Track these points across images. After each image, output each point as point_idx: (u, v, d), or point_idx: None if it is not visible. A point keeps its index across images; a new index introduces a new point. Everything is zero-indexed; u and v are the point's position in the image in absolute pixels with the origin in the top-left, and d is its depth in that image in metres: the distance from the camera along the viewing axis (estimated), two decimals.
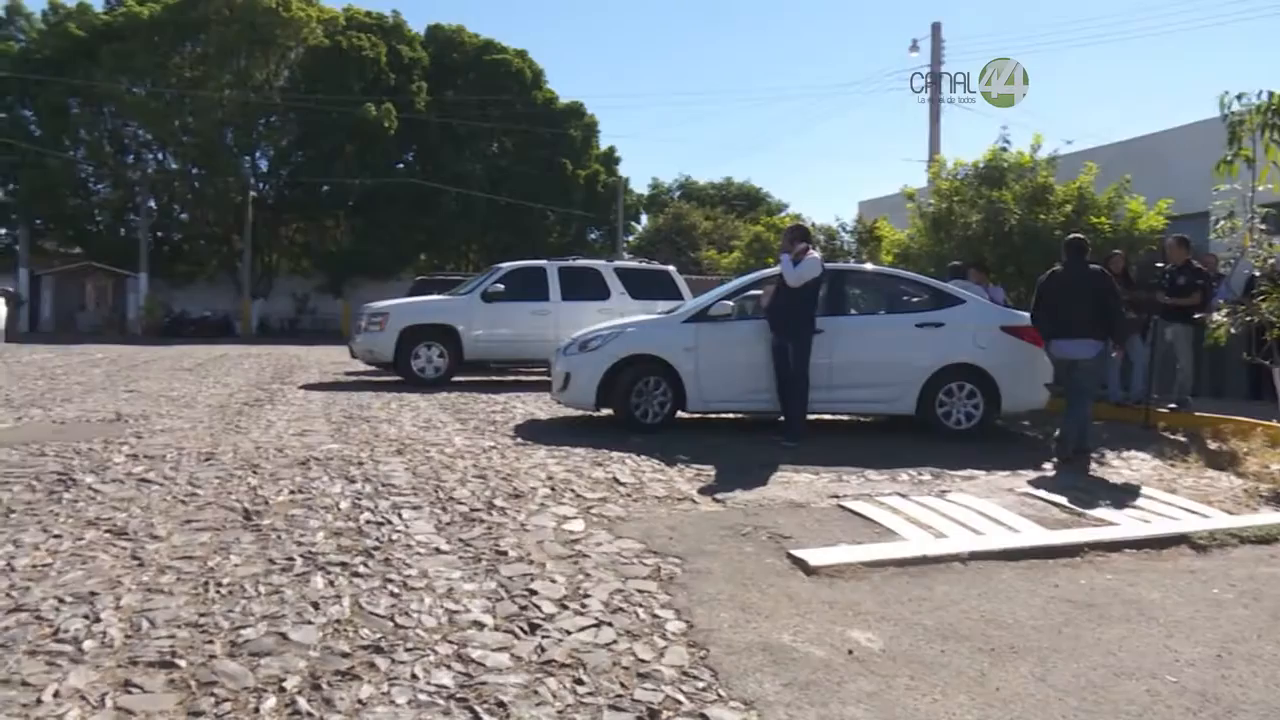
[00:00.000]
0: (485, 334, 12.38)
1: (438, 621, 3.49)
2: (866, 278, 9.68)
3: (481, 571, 4.08)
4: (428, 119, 34.89)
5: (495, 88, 36.24)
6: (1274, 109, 6.82)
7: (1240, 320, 7.40)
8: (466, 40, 37.82)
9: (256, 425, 8.17)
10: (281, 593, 3.72)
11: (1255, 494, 6.05)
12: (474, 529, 4.74)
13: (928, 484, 6.20)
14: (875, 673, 3.17)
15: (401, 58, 35.08)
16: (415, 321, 12.22)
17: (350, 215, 35.94)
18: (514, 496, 5.46)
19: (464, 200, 34.73)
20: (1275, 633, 3.68)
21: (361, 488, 5.58)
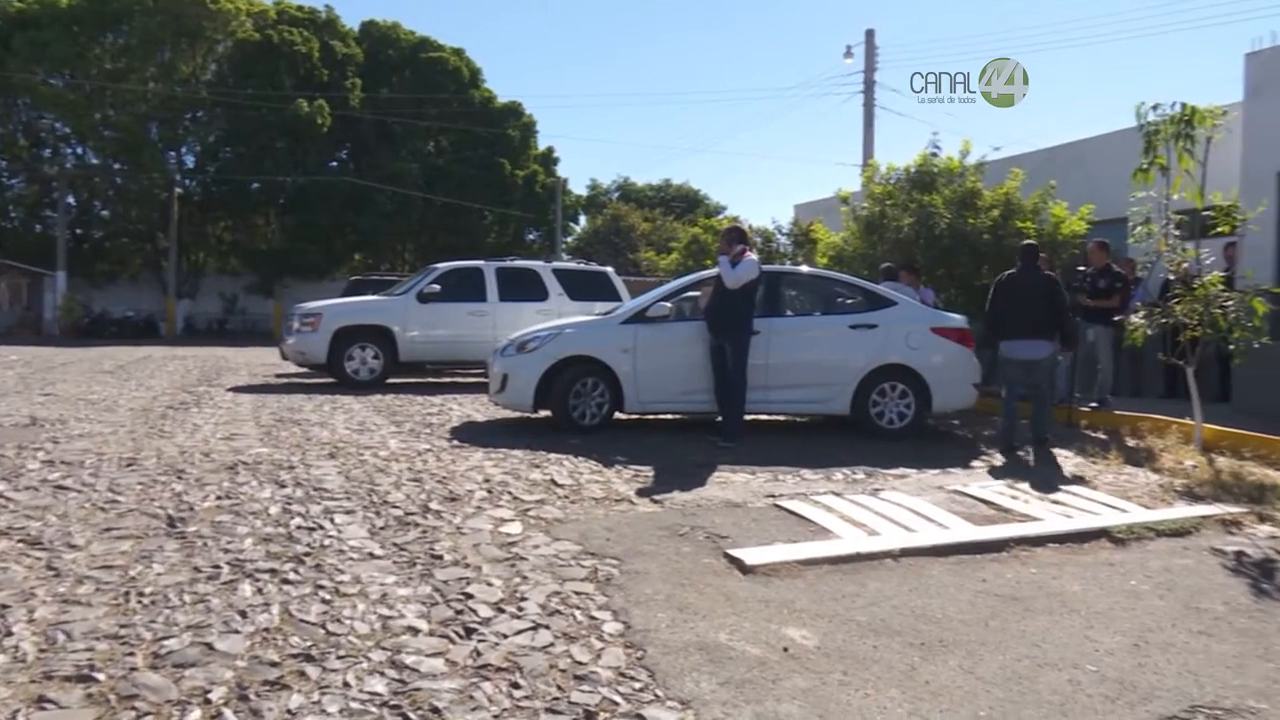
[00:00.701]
0: (421, 335, 12.21)
1: (371, 628, 3.43)
2: (802, 280, 9.81)
3: (416, 576, 4.02)
4: (362, 116, 34.28)
5: (431, 86, 35.79)
6: (1186, 119, 7.12)
7: (1156, 322, 7.70)
8: (402, 37, 37.27)
9: (182, 429, 7.92)
10: (207, 601, 3.61)
11: (1170, 489, 6.29)
12: (409, 533, 4.67)
13: (861, 483, 6.30)
14: (809, 669, 3.22)
15: (335, 54, 34.40)
16: (349, 322, 12.00)
17: (281, 214, 35.12)
18: (450, 499, 5.39)
19: (400, 199, 34.22)
20: (1188, 622, 3.84)
21: (292, 492, 5.45)
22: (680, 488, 5.96)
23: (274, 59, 32.23)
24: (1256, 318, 7.09)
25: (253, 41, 32.12)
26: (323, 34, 34.31)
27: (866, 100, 22.44)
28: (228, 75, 32.69)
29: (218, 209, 34.92)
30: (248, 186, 33.07)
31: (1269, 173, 9.45)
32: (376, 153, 34.96)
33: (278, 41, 32.38)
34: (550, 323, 9.14)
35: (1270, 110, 9.50)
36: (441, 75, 36.43)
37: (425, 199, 34.85)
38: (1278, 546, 4.97)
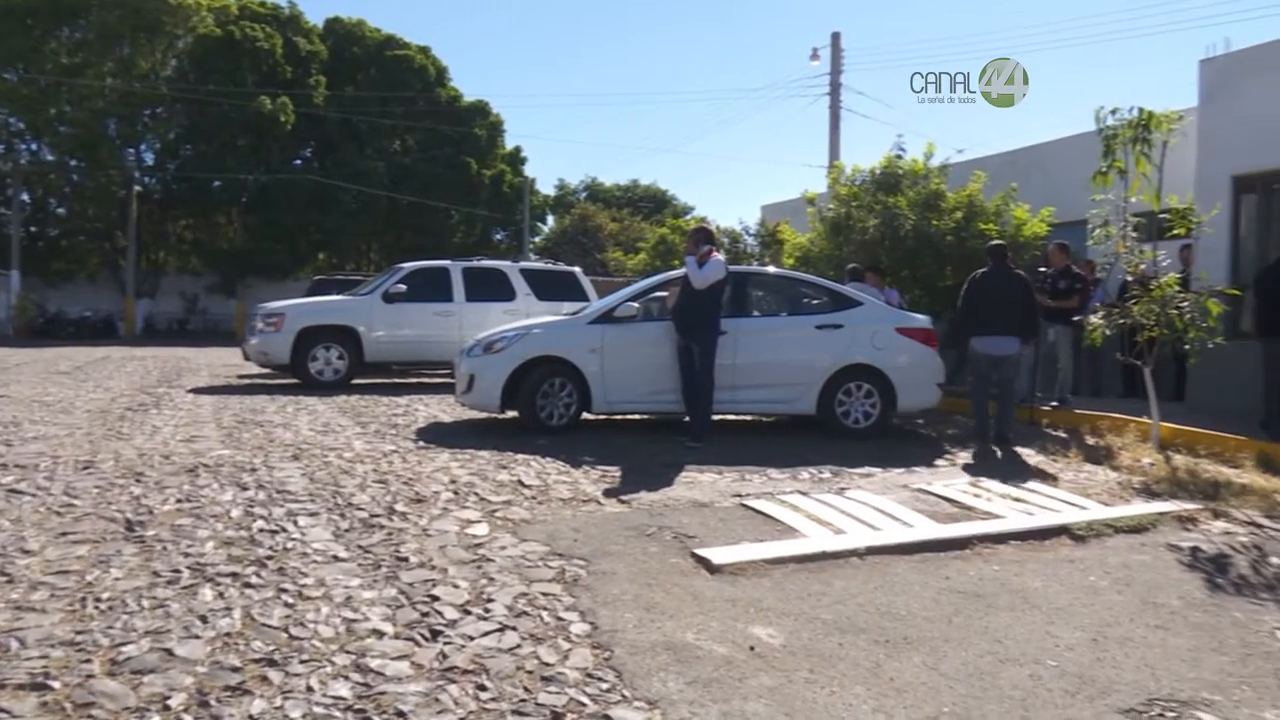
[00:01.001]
0: (387, 335, 12.11)
1: (335, 631, 3.39)
2: (769, 280, 9.86)
3: (381, 578, 3.99)
4: (326, 114, 33.88)
5: (397, 84, 35.47)
6: (1143, 124, 7.27)
7: (1115, 322, 7.84)
8: (367, 35, 36.90)
9: (140, 431, 7.78)
10: (167, 606, 3.55)
11: (1128, 486, 6.41)
12: (374, 535, 4.63)
13: (827, 482, 6.35)
14: (776, 668, 3.23)
15: (298, 50, 33.97)
16: (313, 322, 11.86)
17: (244, 212, 34.58)
18: (416, 501, 5.35)
19: (365, 198, 33.87)
20: (1145, 616, 3.91)
21: (254, 495, 5.38)
22: (648, 488, 5.96)
23: (236, 55, 31.74)
24: (1211, 318, 7.26)
25: (214, 37, 31.61)
26: (286, 30, 33.85)
27: (832, 102, 22.62)
28: (188, 71, 32.12)
29: (178, 207, 34.33)
30: (209, 184, 32.52)
31: (1223, 176, 9.66)
32: (341, 151, 34.59)
33: (240, 37, 31.88)
34: (517, 323, 9.11)
35: (1224, 115, 9.72)
36: (407, 73, 36.12)
37: (391, 198, 34.54)
38: (1231, 542, 5.09)
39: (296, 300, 13.24)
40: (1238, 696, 3.17)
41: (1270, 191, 9.60)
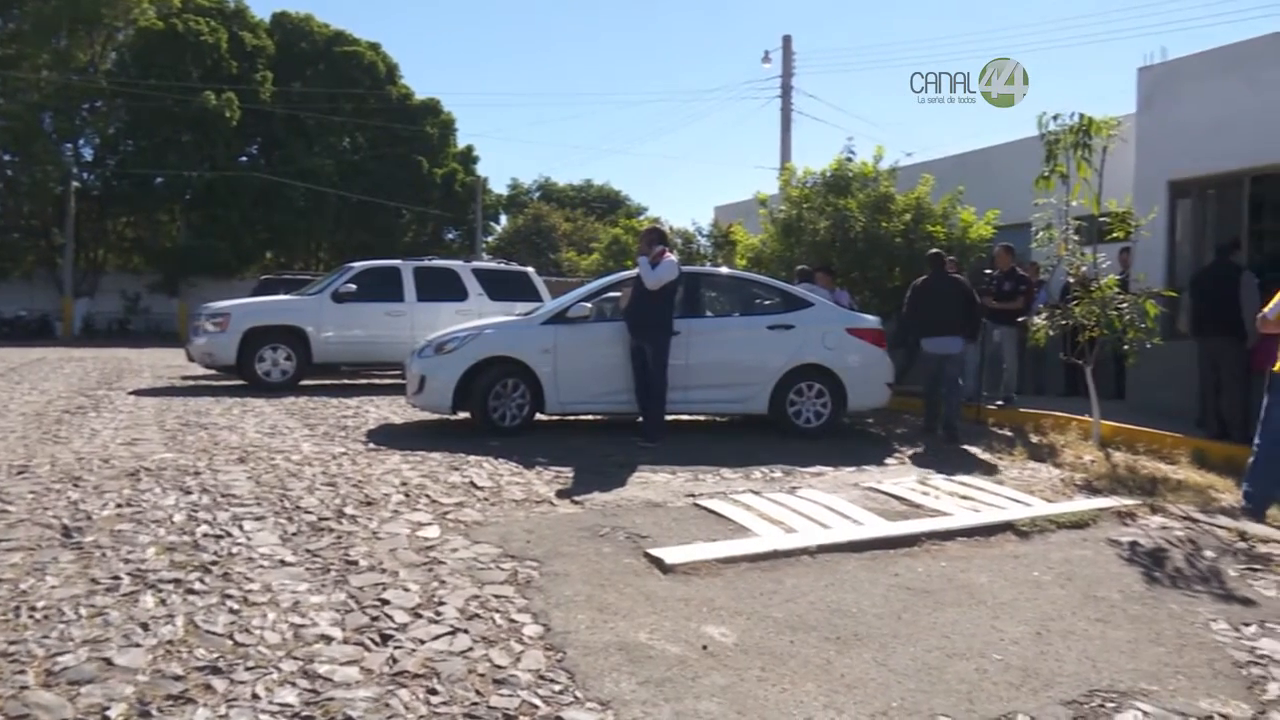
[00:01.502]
0: (336, 336, 11.91)
1: (282, 637, 3.33)
2: (721, 281, 9.91)
3: (330, 583, 3.92)
4: (273, 110, 33.27)
5: (346, 80, 34.96)
6: (1084, 130, 7.45)
7: (1057, 323, 8.04)
8: (315, 30, 36.31)
9: (79, 434, 7.56)
10: (106, 615, 3.46)
11: (1070, 483, 6.57)
12: (322, 539, 4.55)
13: (779, 481, 6.40)
14: (728, 666, 3.25)
15: (244, 45, 33.30)
16: (259, 322, 11.62)
17: (187, 210, 33.78)
18: (366, 504, 5.28)
19: (313, 196, 33.32)
20: (1086, 610, 4.01)
21: (198, 499, 5.25)
22: (601, 488, 5.96)
23: (179, 49, 30.99)
24: (1149, 319, 7.47)
25: (156, 30, 30.82)
26: (231, 24, 33.15)
27: (784, 105, 22.82)
28: (129, 64, 31.25)
29: (118, 204, 33.36)
30: (151, 181, 31.69)
31: (1160, 181, 9.95)
32: (289, 148, 33.98)
33: (183, 30, 31.13)
34: (469, 323, 9.03)
35: (1161, 122, 10.01)
36: (357, 70, 35.63)
37: (340, 196, 34.02)
38: (1168, 537, 5.24)
39: (242, 300, 12.97)
40: (1173, 686, 3.27)
41: (1205, 196, 9.91)
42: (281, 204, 33.01)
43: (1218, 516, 5.67)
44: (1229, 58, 9.44)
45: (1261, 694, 3.24)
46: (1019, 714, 2.99)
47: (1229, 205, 9.59)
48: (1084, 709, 3.06)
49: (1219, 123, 9.40)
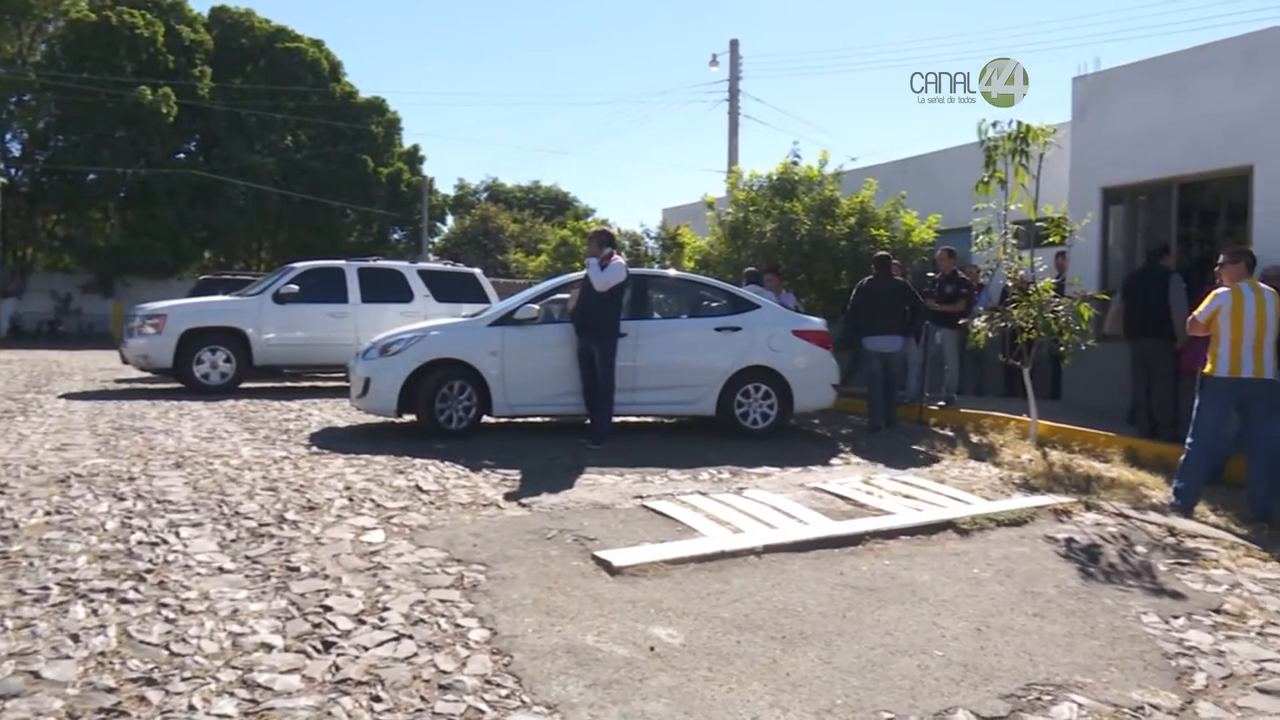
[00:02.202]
0: (277, 337, 11.67)
1: (220, 646, 3.25)
2: (669, 283, 9.92)
3: (270, 590, 3.84)
4: (212, 107, 32.48)
5: (289, 77, 34.28)
6: (1022, 136, 7.64)
7: (996, 325, 8.23)
8: (256, 25, 35.54)
9: (5, 440, 7.28)
10: (33, 626, 3.34)
11: (1009, 481, 6.72)
12: (262, 545, 4.46)
13: (727, 482, 6.44)
14: (675, 667, 3.26)
15: (182, 39, 32.44)
16: (197, 324, 11.33)
17: (122, 207, 32.80)
18: (308, 509, 5.18)
19: (254, 195, 32.61)
20: (1024, 605, 4.11)
21: (133, 505, 5.10)
22: (548, 490, 5.93)
23: (113, 42, 30.09)
24: (1083, 321, 7.68)
25: (88, 22, 29.88)
26: (168, 17, 32.27)
27: (731, 108, 22.96)
28: (60, 57, 30.26)
29: (48, 201, 32.23)
30: (83, 178, 30.71)
31: (1093, 187, 10.25)
32: (228, 145, 33.21)
33: (117, 23, 30.23)
34: (415, 325, 8.92)
35: (1095, 130, 10.32)
36: (299, 67, 34.97)
37: (282, 195, 33.36)
38: (1102, 533, 5.40)
39: (180, 300, 12.63)
40: (1107, 678, 3.36)
41: (1136, 202, 10.24)
42: (221, 203, 32.26)
43: (1149, 513, 5.85)
44: (1157, 69, 9.77)
45: (1189, 684, 3.35)
46: (959, 708, 3.05)
47: (1159, 211, 9.92)
48: (1022, 702, 3.13)
49: (1149, 132, 9.72)
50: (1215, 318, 5.94)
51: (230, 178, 31.84)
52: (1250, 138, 8.83)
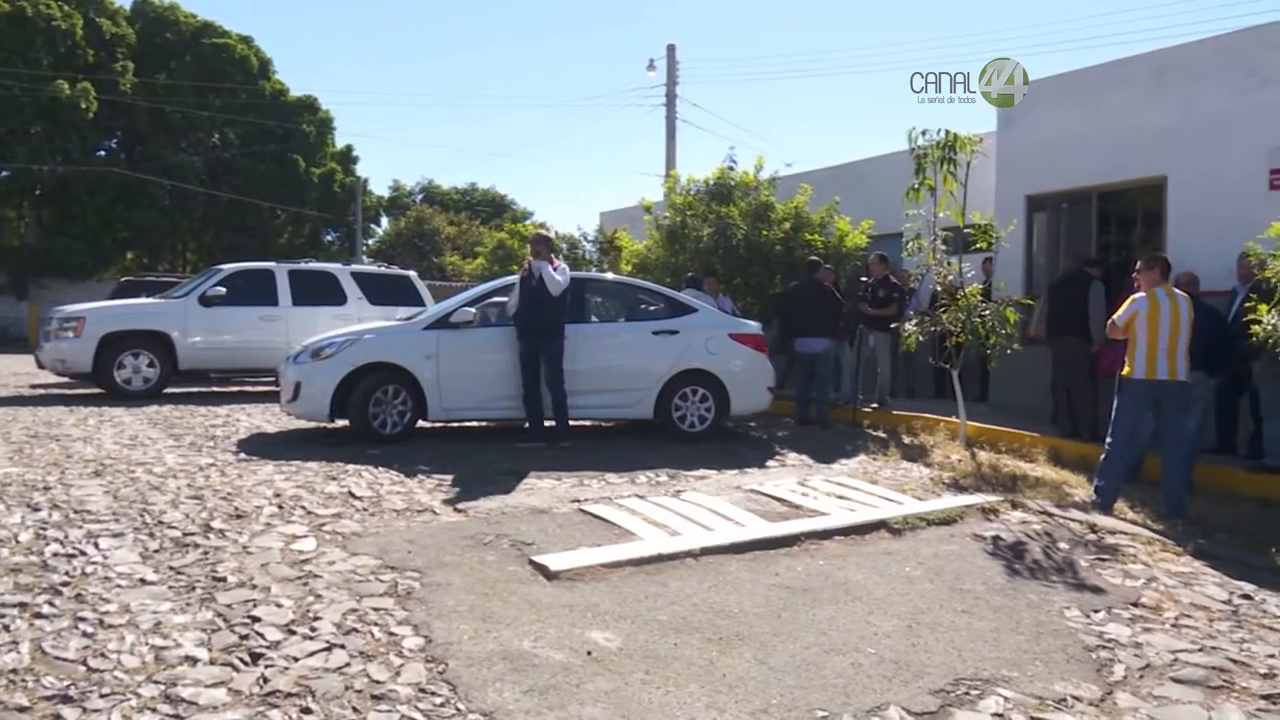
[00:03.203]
0: (204, 341, 11.33)
1: (141, 660, 3.14)
2: (607, 286, 9.93)
3: (195, 601, 3.73)
4: (135, 103, 31.38)
5: (216, 74, 33.33)
6: (950, 145, 7.84)
7: (926, 329, 8.43)
8: (182, 20, 34.45)
9: None
10: None
11: (939, 481, 6.88)
12: (187, 555, 4.32)
13: (664, 485, 6.47)
14: (613, 671, 3.26)
15: (102, 32, 31.29)
16: (118, 327, 10.93)
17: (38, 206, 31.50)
18: (235, 517, 5.04)
19: (180, 194, 31.63)
20: (953, 603, 4.21)
21: (48, 516, 4.90)
22: (485, 495, 5.87)
23: (27, 33, 28.84)
24: (1009, 325, 7.91)
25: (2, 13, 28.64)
26: (87, 10, 31.06)
27: (668, 113, 23.11)
28: None
29: None
30: None
31: (1018, 195, 10.57)
32: (152, 143, 32.14)
33: (32, 14, 28.99)
34: (348, 328, 8.77)
35: (1019, 140, 10.64)
36: (228, 63, 34.03)
37: (209, 195, 32.44)
38: (1027, 530, 5.56)
39: (100, 303, 12.17)
40: (1032, 672, 3.46)
41: (1059, 210, 10.59)
42: (144, 202, 31.19)
43: (1071, 510, 6.05)
44: (1077, 83, 10.12)
45: (1109, 675, 3.47)
46: (891, 705, 3.11)
47: (1080, 219, 10.27)
48: (951, 697, 3.21)
49: (1070, 143, 10.06)
50: (1133, 322, 6.17)
51: (154, 176, 30.83)
52: (1163, 150, 9.21)
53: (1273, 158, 8.37)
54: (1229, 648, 3.78)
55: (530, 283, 7.80)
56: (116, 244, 32.27)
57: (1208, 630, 3.98)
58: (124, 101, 30.91)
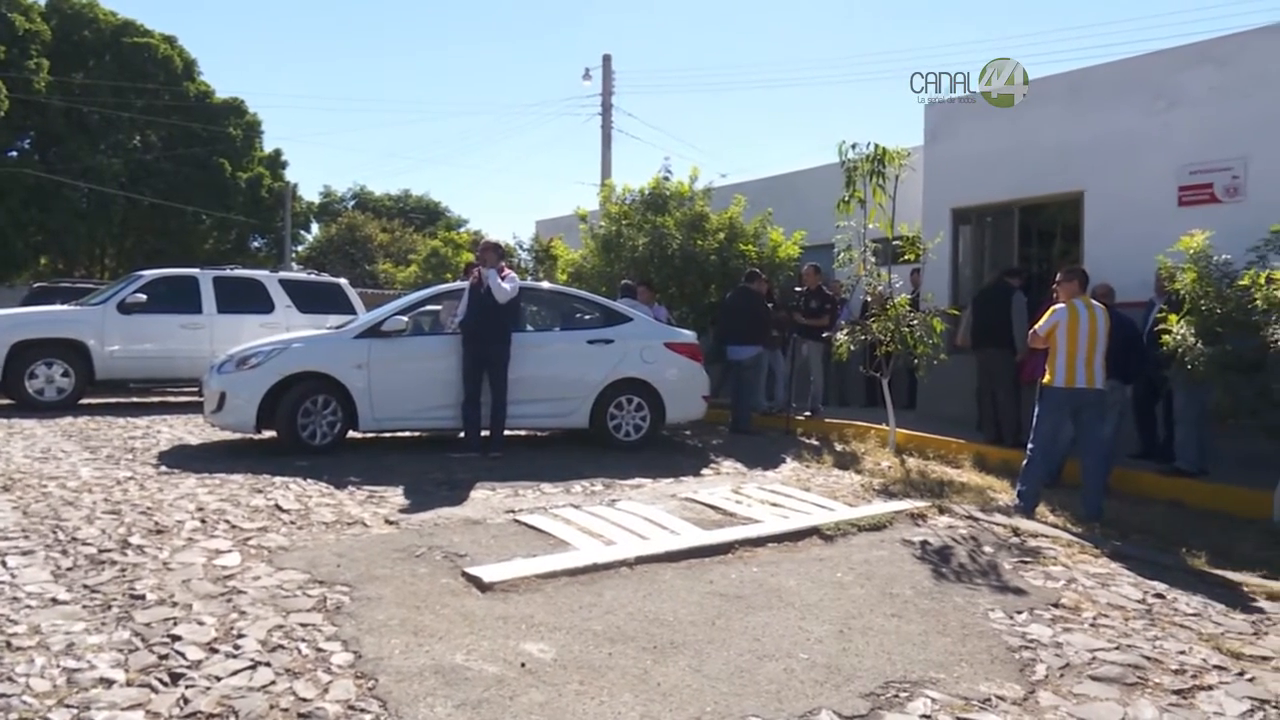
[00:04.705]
0: (123, 350, 10.92)
1: (52, 684, 3.01)
2: (543, 295, 9.89)
3: (111, 620, 3.59)
4: (50, 102, 30.18)
5: (137, 74, 32.26)
6: (879, 158, 8.02)
7: (857, 338, 8.59)
8: (101, 18, 33.28)
9: None
10: None
11: (870, 488, 7.01)
12: (103, 572, 4.16)
13: (599, 494, 6.45)
14: (547, 682, 3.23)
15: (14, 28, 30.00)
16: (29, 335, 10.46)
17: None
18: (155, 532, 4.87)
19: (97, 198, 30.46)
20: (883, 607, 4.29)
21: None
22: (417, 507, 5.79)
23: None
24: (936, 335, 8.12)
25: None
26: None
27: (604, 122, 23.16)
28: None
29: None
30: None
31: (944, 208, 10.87)
32: (69, 144, 30.92)
33: None
34: (276, 337, 8.56)
35: (945, 154, 10.94)
36: (150, 64, 32.97)
37: (129, 198, 31.33)
38: (954, 535, 5.70)
39: (10, 310, 11.65)
40: (958, 673, 3.54)
41: (983, 223, 10.92)
42: (59, 205, 29.97)
43: (995, 515, 6.22)
44: None
45: (1031, 675, 3.57)
46: (823, 709, 3.15)
47: (1003, 232, 10.61)
48: (881, 700, 3.26)
49: (993, 157, 10.39)
50: (1054, 332, 6.39)
51: (70, 178, 29.67)
52: (1081, 166, 9.58)
53: (1181, 176, 8.78)
54: (1143, 645, 3.93)
55: (479, 290, 7.76)
56: (29, 248, 30.95)
57: (1123, 629, 4.13)
58: (38, 101, 29.70)
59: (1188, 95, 8.81)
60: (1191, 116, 8.77)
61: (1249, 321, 6.12)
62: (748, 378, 10.16)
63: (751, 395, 10.27)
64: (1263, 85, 8.31)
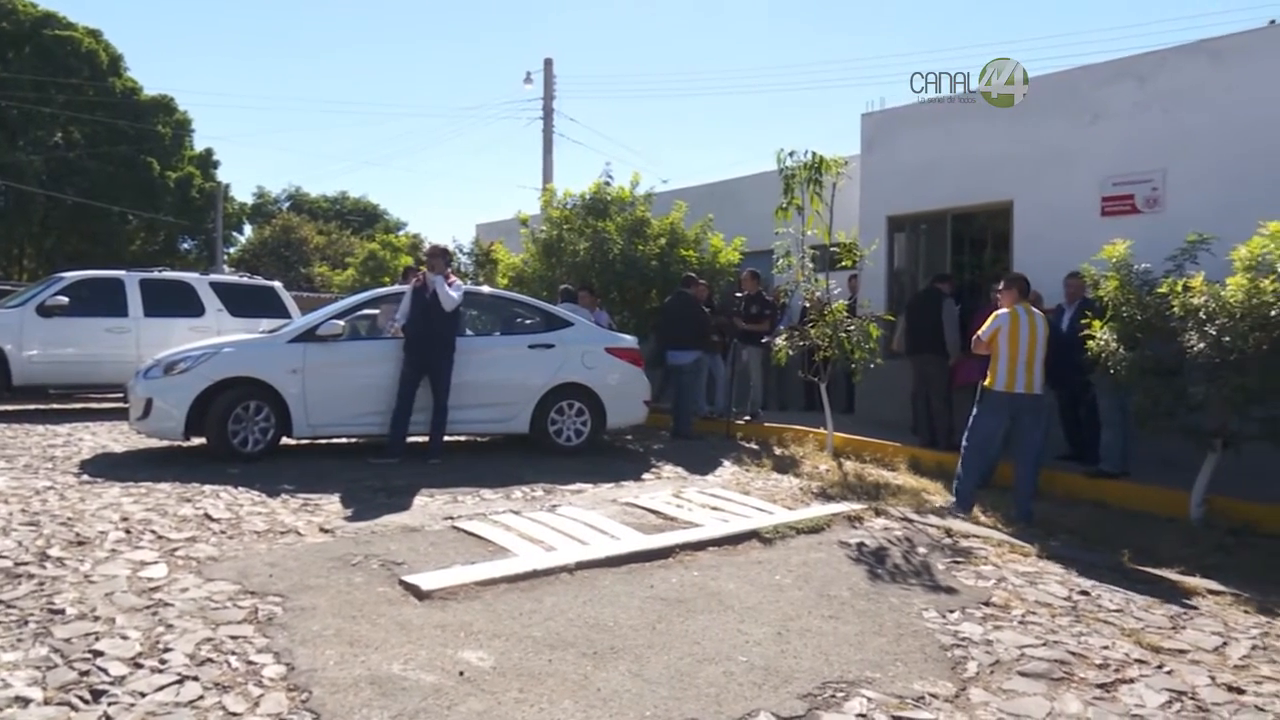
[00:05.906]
0: (42, 354, 10.51)
1: None
2: (483, 300, 9.79)
3: (29, 636, 3.45)
4: None
5: (59, 68, 31.15)
6: (816, 166, 8.15)
7: (796, 344, 8.70)
8: (20, 9, 32.05)
9: None
10: None
11: (809, 491, 7.10)
12: (19, 586, 3.99)
13: (540, 500, 6.42)
14: (486, 691, 3.20)
15: None
16: None
17: None
18: (76, 544, 4.69)
19: (16, 196, 29.32)
20: (820, 609, 4.35)
21: None
22: (353, 514, 5.68)
23: None
24: (872, 340, 8.27)
25: None
26: None
27: (546, 126, 23.07)
28: None
29: None
30: None
31: (880, 216, 11.09)
32: None
33: None
34: (206, 341, 8.33)
35: (881, 163, 11.17)
36: (72, 57, 31.84)
37: (50, 197, 30.20)
38: (889, 536, 5.80)
39: None
40: (893, 672, 3.61)
41: (918, 231, 11.16)
42: None
43: (929, 516, 6.35)
44: (931, 112, 10.70)
45: (963, 672, 3.65)
46: (762, 711, 3.18)
47: (936, 239, 10.86)
48: (818, 700, 3.30)
49: (926, 167, 10.64)
50: (996, 336, 6.56)
51: None
52: (1010, 175, 9.86)
53: (1104, 187, 9.09)
54: (1069, 641, 4.05)
55: (424, 295, 7.66)
56: None
57: (1050, 625, 4.25)
58: None
59: (1111, 109, 9.14)
60: (1114, 130, 9.10)
61: (1167, 328, 6.35)
62: (688, 382, 10.15)
63: (692, 400, 10.27)
64: (1180, 101, 8.66)
